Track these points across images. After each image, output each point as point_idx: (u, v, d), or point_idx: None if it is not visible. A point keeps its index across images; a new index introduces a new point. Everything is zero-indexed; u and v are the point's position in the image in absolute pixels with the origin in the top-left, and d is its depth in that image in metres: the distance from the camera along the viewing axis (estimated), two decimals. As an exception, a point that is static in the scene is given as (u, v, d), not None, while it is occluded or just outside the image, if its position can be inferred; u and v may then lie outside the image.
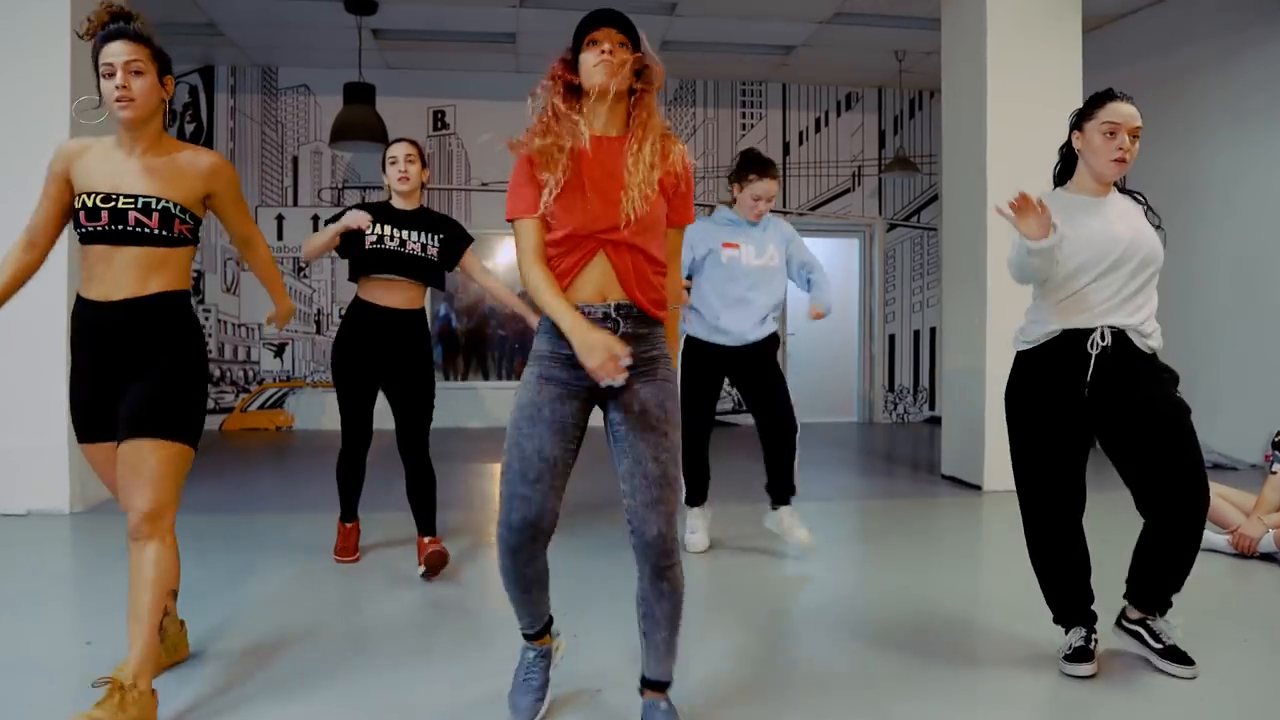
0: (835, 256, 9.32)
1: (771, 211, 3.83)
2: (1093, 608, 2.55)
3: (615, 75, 1.93)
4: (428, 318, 3.51)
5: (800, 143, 8.94)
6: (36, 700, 2.25)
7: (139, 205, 2.18)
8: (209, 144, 8.14)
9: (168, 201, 2.21)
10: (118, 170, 2.22)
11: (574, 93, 2.00)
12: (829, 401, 9.14)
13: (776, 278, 3.79)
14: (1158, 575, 2.48)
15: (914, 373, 9.30)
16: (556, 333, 1.95)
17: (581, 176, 1.94)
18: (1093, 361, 2.42)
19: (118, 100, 2.16)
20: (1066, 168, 2.61)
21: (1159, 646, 2.48)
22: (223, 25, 7.18)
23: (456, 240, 3.51)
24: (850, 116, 9.03)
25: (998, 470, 5.13)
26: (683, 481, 2.00)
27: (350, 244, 3.35)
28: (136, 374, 2.21)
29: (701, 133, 8.77)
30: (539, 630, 2.19)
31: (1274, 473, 3.77)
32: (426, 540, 3.45)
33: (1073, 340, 2.44)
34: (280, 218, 8.24)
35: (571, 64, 2.00)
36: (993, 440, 5.22)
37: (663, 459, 1.96)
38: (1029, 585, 2.67)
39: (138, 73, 2.17)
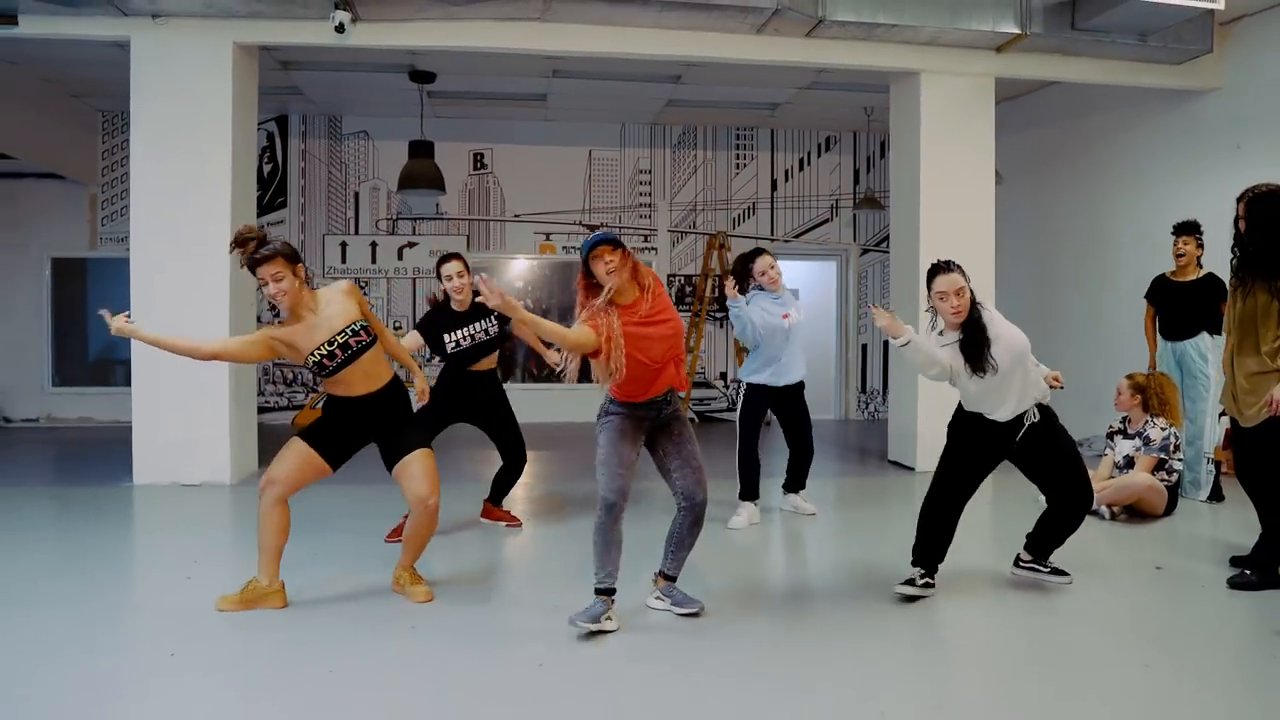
0: (816, 276, 10.84)
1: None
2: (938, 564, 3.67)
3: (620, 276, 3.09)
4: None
5: (786, 179, 10.40)
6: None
7: (350, 332, 3.31)
8: (283, 181, 9.67)
9: (356, 322, 3.34)
10: (318, 327, 3.27)
11: (596, 288, 3.11)
12: (810, 401, 10.49)
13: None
14: (1052, 536, 3.77)
15: (883, 377, 10.73)
16: (619, 403, 3.20)
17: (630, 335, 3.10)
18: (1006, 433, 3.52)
19: (278, 301, 3.23)
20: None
21: (1047, 569, 3.83)
22: (303, 87, 8.66)
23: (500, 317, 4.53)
24: (829, 157, 10.49)
25: (926, 455, 6.57)
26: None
27: (437, 349, 4.55)
28: (391, 429, 3.46)
29: (702, 171, 10.24)
30: (607, 587, 3.19)
31: (1104, 454, 5.25)
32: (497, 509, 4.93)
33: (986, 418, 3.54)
34: (344, 244, 9.76)
35: (588, 273, 3.12)
36: (923, 432, 6.65)
37: (698, 456, 3.31)
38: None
39: (280, 280, 3.19)
